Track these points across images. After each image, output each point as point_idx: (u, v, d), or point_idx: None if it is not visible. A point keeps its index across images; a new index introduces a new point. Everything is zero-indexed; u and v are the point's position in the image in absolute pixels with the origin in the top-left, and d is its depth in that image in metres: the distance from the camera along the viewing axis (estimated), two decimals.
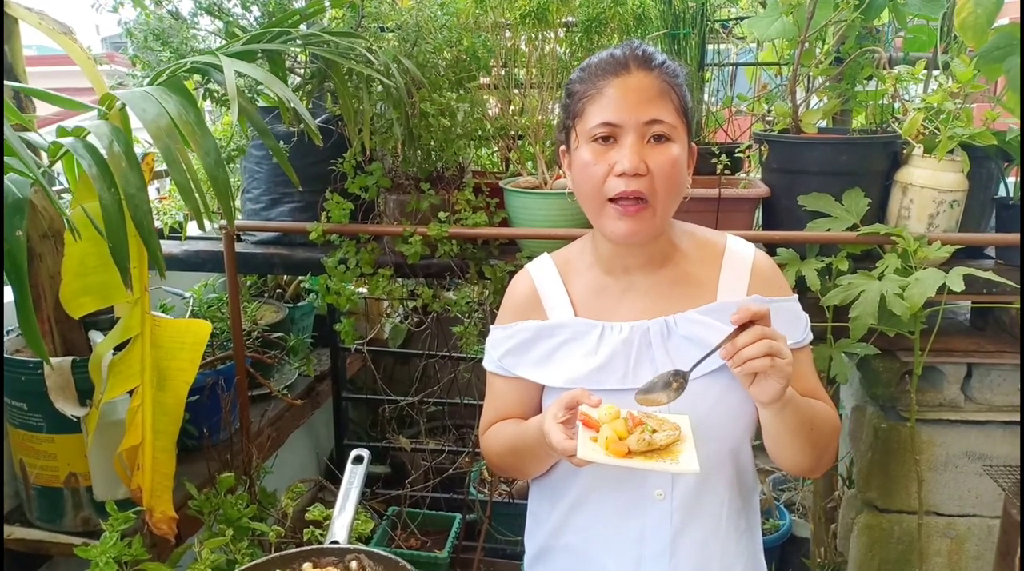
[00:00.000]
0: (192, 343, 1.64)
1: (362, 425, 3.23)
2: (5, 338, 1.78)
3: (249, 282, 2.77)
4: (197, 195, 1.39)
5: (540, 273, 1.31)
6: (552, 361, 1.24)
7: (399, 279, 2.04)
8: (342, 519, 1.20)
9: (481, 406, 1.37)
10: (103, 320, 1.82)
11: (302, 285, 2.82)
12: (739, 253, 1.25)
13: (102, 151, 1.35)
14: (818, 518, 2.39)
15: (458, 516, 2.80)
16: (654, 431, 1.04)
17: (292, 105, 1.48)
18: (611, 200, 1.14)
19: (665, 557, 1.21)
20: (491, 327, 1.34)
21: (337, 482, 2.19)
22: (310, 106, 1.98)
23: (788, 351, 1.04)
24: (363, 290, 2.53)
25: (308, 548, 1.14)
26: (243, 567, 1.10)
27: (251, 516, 1.70)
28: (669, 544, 1.21)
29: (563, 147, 1.25)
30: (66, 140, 1.38)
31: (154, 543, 1.70)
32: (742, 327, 1.04)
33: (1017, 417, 1.91)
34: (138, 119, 1.38)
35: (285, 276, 2.78)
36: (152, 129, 1.38)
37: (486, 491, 2.82)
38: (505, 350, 1.28)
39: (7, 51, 1.80)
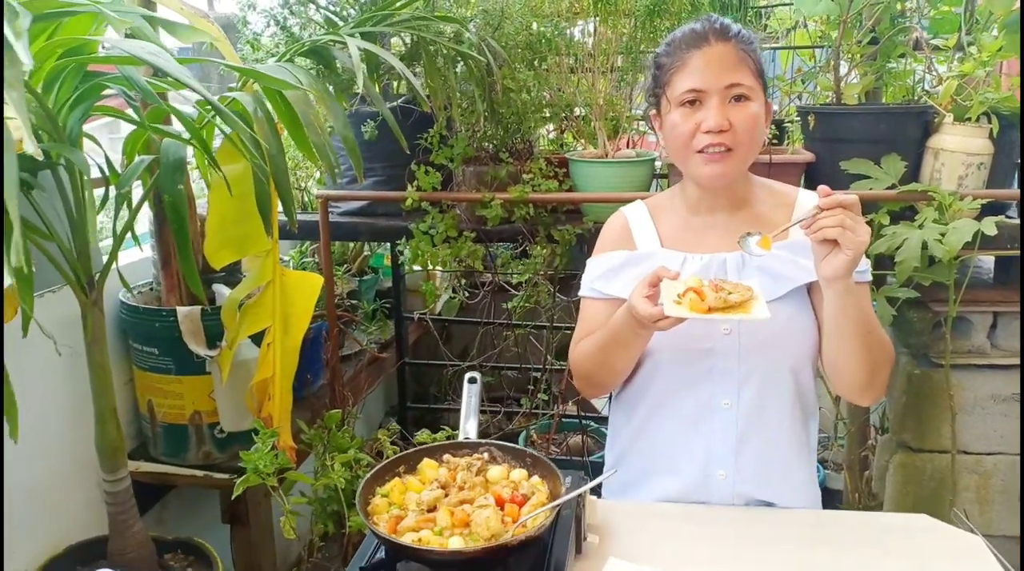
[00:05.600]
0: (307, 294, 1.86)
1: (424, 386, 3.45)
2: (135, 292, 1.99)
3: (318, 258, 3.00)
4: (330, 153, 1.61)
5: (633, 212, 1.50)
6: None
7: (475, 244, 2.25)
8: (469, 425, 1.40)
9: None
10: (219, 277, 2.04)
11: (368, 262, 3.04)
12: (808, 200, 1.42)
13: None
14: (853, 467, 2.60)
15: None
16: (730, 293, 1.18)
17: (405, 76, 1.70)
18: (699, 151, 1.33)
19: (731, 458, 1.38)
20: (587, 261, 1.53)
21: (406, 440, 2.42)
22: (401, 89, 2.20)
23: (865, 231, 1.17)
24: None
25: (447, 443, 1.34)
26: (396, 455, 1.30)
27: (357, 447, 1.90)
28: (735, 446, 1.38)
29: (653, 112, 1.44)
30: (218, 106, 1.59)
31: None
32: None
33: None
34: (278, 88, 1.58)
35: (353, 249, 2.99)
36: (291, 97, 1.59)
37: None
38: (597, 275, 1.46)
39: None
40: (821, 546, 1.28)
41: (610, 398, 1.57)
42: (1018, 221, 1.88)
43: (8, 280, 0.80)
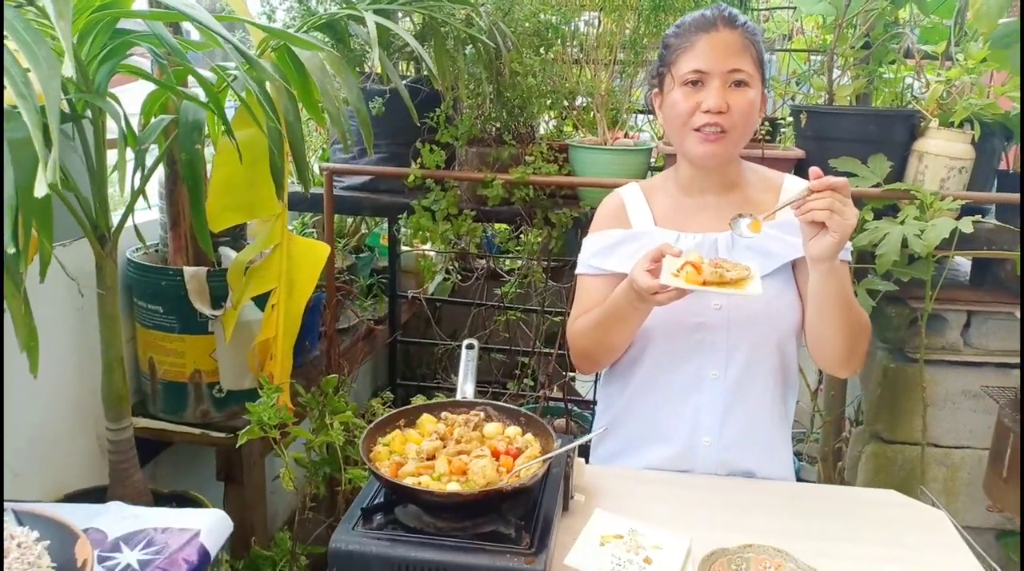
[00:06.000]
0: (313, 261, 1.91)
1: (412, 367, 3.51)
2: (143, 252, 2.04)
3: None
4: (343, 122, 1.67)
5: (628, 192, 1.57)
6: (633, 261, 1.42)
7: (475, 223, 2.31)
8: (467, 387, 1.46)
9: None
10: (224, 240, 2.09)
11: (364, 240, 3.10)
12: (795, 185, 1.50)
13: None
14: (827, 458, 2.69)
15: None
16: (728, 270, 1.25)
17: (419, 53, 1.76)
18: (696, 130, 1.40)
19: (717, 427, 1.47)
20: (583, 240, 1.60)
21: None
22: (409, 70, 2.26)
23: (853, 214, 1.24)
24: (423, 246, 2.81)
25: (447, 401, 1.40)
26: (396, 410, 1.36)
27: (352, 412, 1.96)
28: (721, 416, 1.46)
29: (655, 91, 1.52)
30: (236, 71, 1.64)
31: None
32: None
33: (1008, 360, 2.22)
34: (306, 48, 1.63)
35: (351, 226, 3.05)
36: (309, 65, 1.65)
37: None
38: (594, 252, 1.53)
39: None
40: (799, 515, 1.35)
41: (596, 379, 1.64)
42: (995, 223, 1.98)
43: (40, 190, 0.85)
